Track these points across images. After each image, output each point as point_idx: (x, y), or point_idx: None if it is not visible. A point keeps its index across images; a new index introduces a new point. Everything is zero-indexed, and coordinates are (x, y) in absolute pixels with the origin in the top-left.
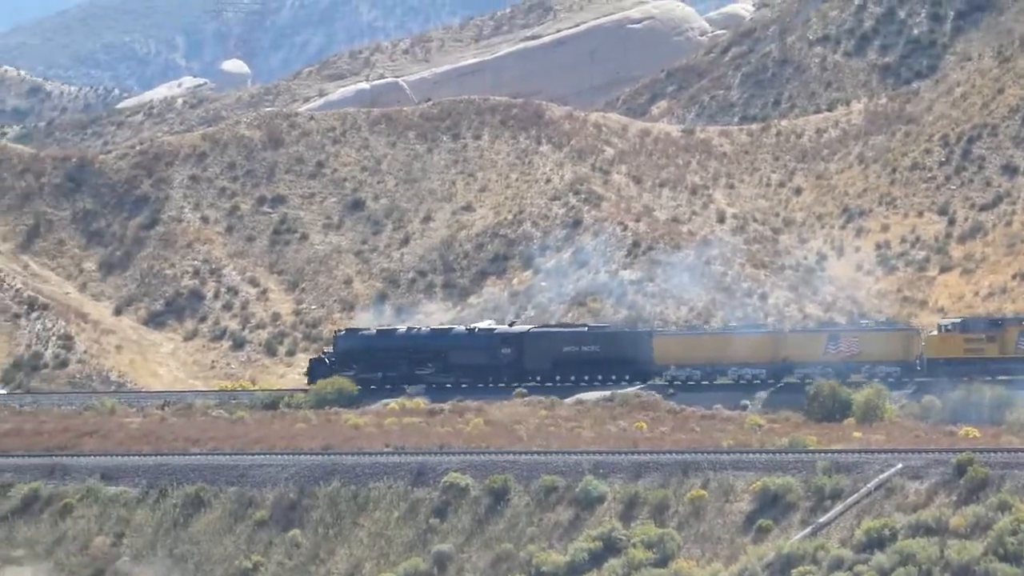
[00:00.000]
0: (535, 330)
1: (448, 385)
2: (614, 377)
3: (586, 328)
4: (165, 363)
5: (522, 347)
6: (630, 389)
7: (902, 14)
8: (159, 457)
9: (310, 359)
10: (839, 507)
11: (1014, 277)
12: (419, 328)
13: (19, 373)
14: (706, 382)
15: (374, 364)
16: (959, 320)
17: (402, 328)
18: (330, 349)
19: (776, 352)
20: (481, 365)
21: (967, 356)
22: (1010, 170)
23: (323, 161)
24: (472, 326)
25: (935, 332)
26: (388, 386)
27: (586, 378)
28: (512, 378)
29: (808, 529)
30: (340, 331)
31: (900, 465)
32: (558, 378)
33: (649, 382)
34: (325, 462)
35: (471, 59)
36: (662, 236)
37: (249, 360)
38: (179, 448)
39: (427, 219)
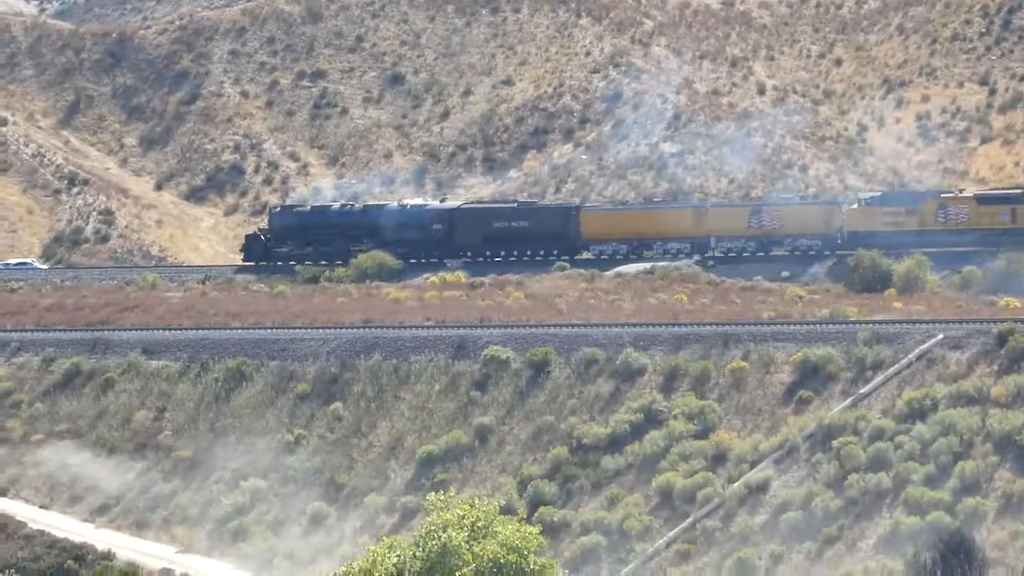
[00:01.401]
0: (466, 206)
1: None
2: (542, 252)
3: (515, 204)
4: (206, 238)
5: (453, 223)
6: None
7: None
8: (200, 331)
9: (246, 235)
10: (880, 378)
11: None
12: (353, 204)
13: (60, 248)
14: (633, 256)
15: (309, 240)
16: (878, 194)
17: (336, 205)
18: (266, 226)
19: (699, 226)
20: (414, 240)
21: (886, 229)
22: None
23: (362, 35)
24: (404, 202)
25: (855, 205)
26: (323, 262)
27: (515, 252)
28: (444, 253)
29: (849, 400)
30: (275, 208)
31: (941, 335)
32: (488, 253)
33: (576, 256)
34: (366, 335)
35: None
36: (702, 108)
37: None
38: (220, 322)
39: (467, 93)
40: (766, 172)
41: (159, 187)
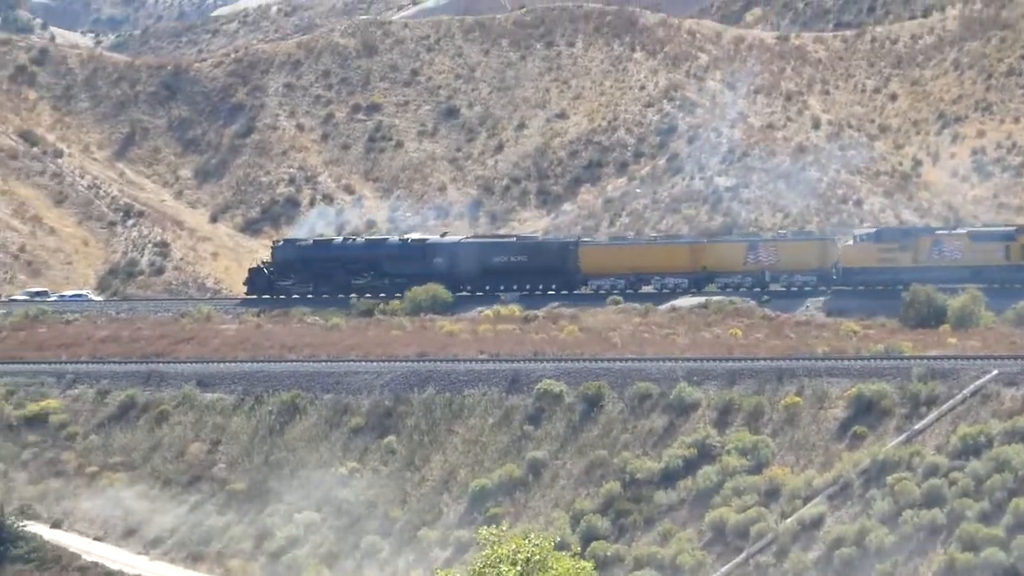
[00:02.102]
0: (466, 241)
1: (383, 294)
2: (541, 286)
3: (515, 239)
4: None
5: (454, 257)
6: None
7: None
8: (255, 364)
9: (249, 268)
10: (934, 413)
11: None
12: (355, 239)
13: (115, 280)
14: (630, 291)
15: (311, 274)
16: (873, 230)
17: (338, 239)
18: (268, 259)
19: (696, 261)
20: (414, 274)
21: (881, 265)
22: None
23: (417, 69)
24: (405, 236)
25: (850, 242)
26: (325, 295)
27: (515, 287)
28: (444, 287)
29: (903, 436)
30: (278, 241)
31: (996, 371)
32: (488, 287)
33: (576, 291)
34: (420, 369)
35: None
36: (757, 143)
37: None
38: (275, 355)
39: (521, 126)
40: (821, 207)
41: (214, 219)
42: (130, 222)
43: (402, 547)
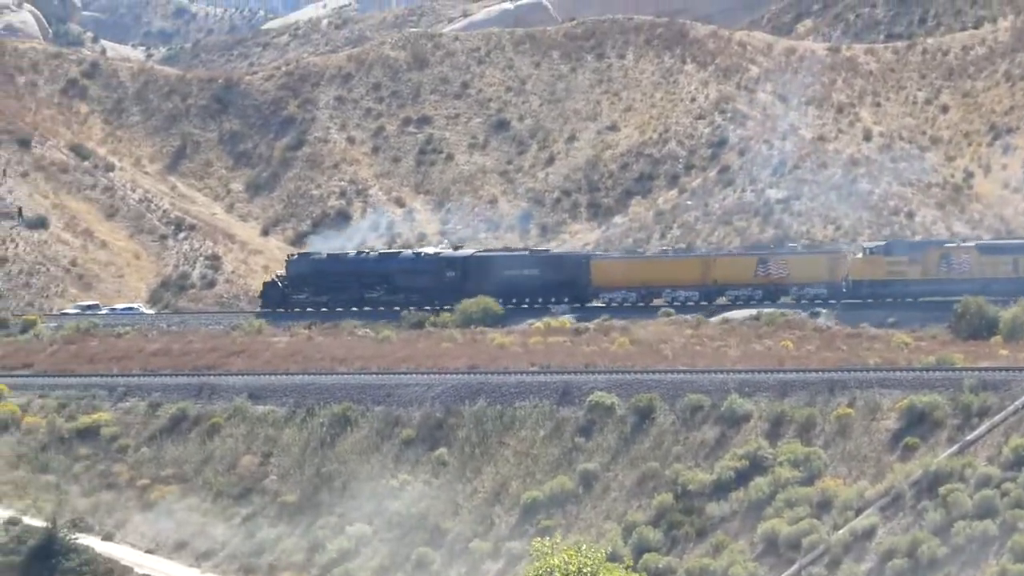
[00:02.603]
0: (478, 254)
1: (396, 308)
2: (553, 299)
3: (527, 252)
4: None
5: (466, 270)
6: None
7: None
8: (306, 376)
9: (264, 282)
10: (986, 425)
11: None
12: (368, 252)
13: (167, 293)
14: (641, 304)
15: (325, 287)
16: (882, 243)
17: (352, 252)
18: (283, 273)
19: (707, 275)
20: (426, 288)
21: (890, 278)
22: None
23: (468, 81)
24: (418, 250)
25: (860, 255)
26: (339, 308)
27: (527, 300)
28: (457, 300)
29: (955, 447)
30: (292, 255)
31: None
32: (500, 300)
33: (586, 305)
34: (471, 381)
35: None
36: (808, 155)
37: None
38: (326, 367)
39: (572, 139)
40: (872, 219)
41: (265, 232)
42: (181, 235)
43: (454, 559)
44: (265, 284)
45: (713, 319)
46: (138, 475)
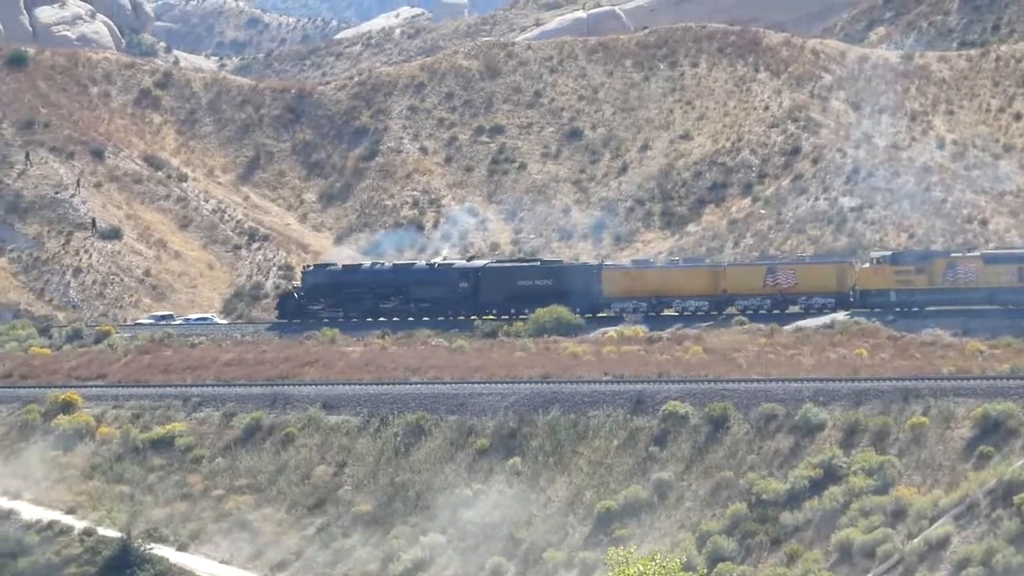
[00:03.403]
0: (491, 265)
1: (410, 318)
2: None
3: (539, 263)
4: None
5: (479, 281)
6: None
7: None
8: (380, 386)
9: (280, 295)
10: None
11: None
12: (383, 264)
13: (240, 303)
14: (652, 314)
15: (340, 299)
16: (889, 253)
17: (367, 264)
18: (299, 284)
19: (717, 285)
20: (440, 298)
21: (897, 287)
22: None
23: (540, 90)
24: (432, 261)
25: (867, 264)
26: (354, 319)
27: (539, 311)
28: (470, 310)
29: None
30: (308, 267)
31: None
32: (513, 311)
33: (598, 315)
34: (545, 390)
35: None
36: (881, 163)
37: None
38: (399, 377)
39: (645, 148)
40: (946, 227)
41: (339, 242)
42: (255, 245)
43: (527, 569)
44: (281, 296)
45: (787, 328)
46: (213, 485)
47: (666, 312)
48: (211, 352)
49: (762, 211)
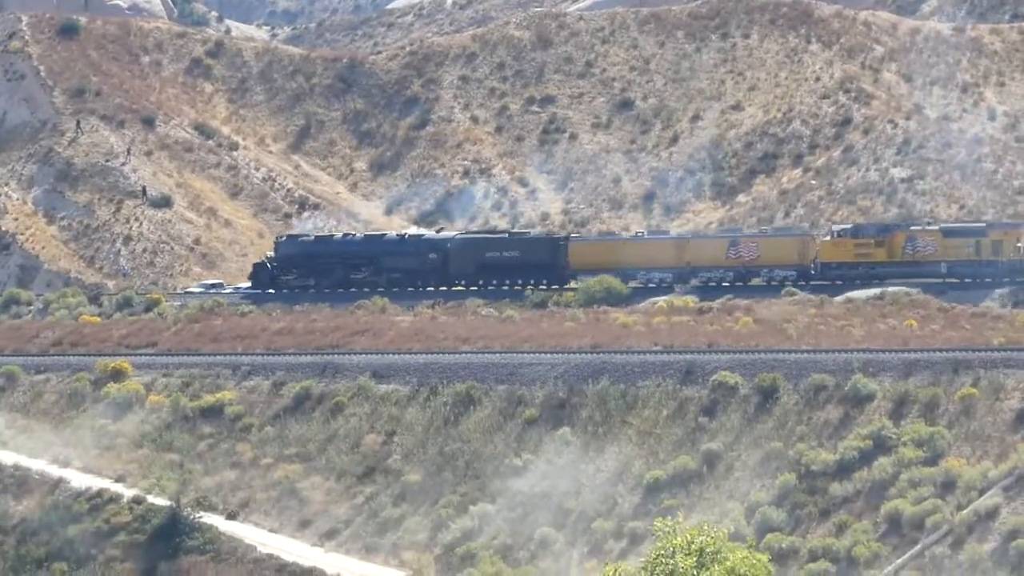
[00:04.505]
0: (460, 236)
1: (380, 288)
2: (532, 281)
3: (507, 235)
4: None
5: (448, 253)
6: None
7: None
8: (429, 355)
9: (253, 264)
10: None
11: None
12: (354, 235)
13: None
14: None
15: (312, 269)
16: (850, 226)
17: (338, 235)
18: (272, 254)
19: (680, 257)
20: (410, 269)
21: (857, 260)
22: None
23: (592, 61)
24: (402, 232)
25: (828, 238)
26: (326, 290)
27: (507, 282)
28: (439, 282)
29: None
30: (281, 237)
31: None
32: (481, 282)
33: (565, 286)
34: (594, 360)
35: None
36: (932, 134)
37: None
38: (449, 346)
39: (696, 118)
40: (996, 198)
41: (389, 212)
42: (305, 214)
43: (576, 538)
44: (255, 265)
45: (837, 298)
46: (262, 454)
47: (631, 284)
48: (261, 321)
49: (812, 182)
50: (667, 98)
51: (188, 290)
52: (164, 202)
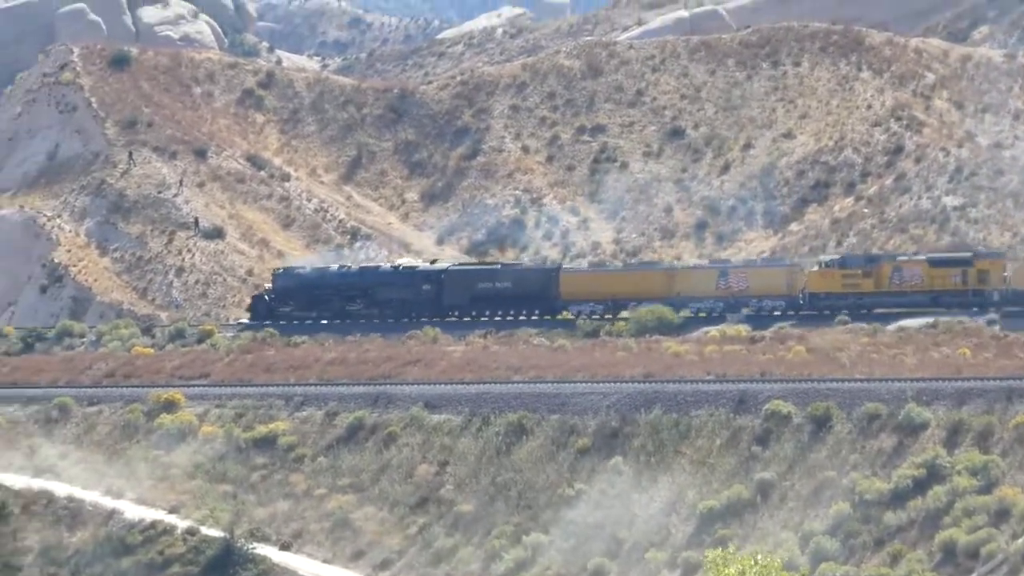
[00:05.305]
0: (453, 268)
1: (376, 320)
2: (525, 312)
3: (499, 266)
4: None
5: (441, 284)
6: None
7: None
8: (481, 385)
9: (252, 296)
10: None
11: None
12: (350, 267)
13: None
14: (609, 316)
15: (309, 301)
16: (838, 257)
17: (334, 267)
18: (270, 287)
19: (671, 287)
20: (404, 300)
21: (845, 291)
22: None
23: (642, 89)
24: (396, 264)
25: (816, 268)
26: (324, 321)
27: (499, 312)
28: (433, 312)
29: None
30: (278, 269)
31: None
32: (474, 312)
33: (556, 316)
34: (647, 390)
35: None
36: (984, 162)
37: None
38: (501, 376)
39: (747, 146)
40: None
41: (440, 242)
42: (357, 245)
43: (629, 568)
44: (253, 297)
45: (890, 327)
46: (315, 484)
47: (623, 314)
48: (313, 351)
49: (865, 210)
50: (718, 126)
51: (241, 321)
52: (216, 233)
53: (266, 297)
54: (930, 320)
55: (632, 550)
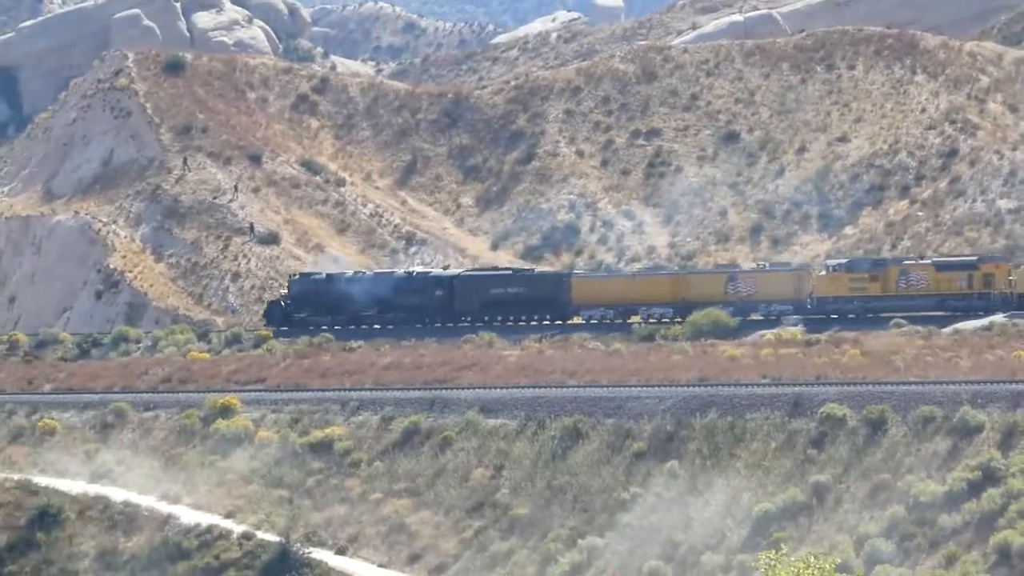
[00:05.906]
0: (465, 273)
1: (390, 326)
2: (536, 317)
3: (511, 271)
4: None
5: (453, 289)
6: (997, 318)
7: None
8: (537, 390)
9: (268, 302)
10: None
11: None
12: (364, 272)
13: None
14: (619, 320)
15: (324, 306)
16: (845, 261)
17: (349, 273)
18: (285, 292)
19: (678, 293)
20: (417, 306)
21: (852, 294)
22: None
23: (697, 94)
24: (410, 270)
25: (823, 272)
26: (337, 327)
27: (511, 318)
28: (445, 318)
29: None
30: (294, 275)
31: None
32: (487, 318)
33: (567, 321)
34: (702, 393)
35: None
36: None
37: None
38: (556, 380)
39: (802, 150)
40: None
41: (495, 247)
42: (412, 250)
43: (685, 571)
44: (269, 303)
45: (945, 329)
46: (371, 489)
47: (632, 319)
48: (369, 356)
49: (919, 213)
50: (773, 130)
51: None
52: (271, 239)
53: (282, 303)
54: (985, 322)
55: (687, 553)
